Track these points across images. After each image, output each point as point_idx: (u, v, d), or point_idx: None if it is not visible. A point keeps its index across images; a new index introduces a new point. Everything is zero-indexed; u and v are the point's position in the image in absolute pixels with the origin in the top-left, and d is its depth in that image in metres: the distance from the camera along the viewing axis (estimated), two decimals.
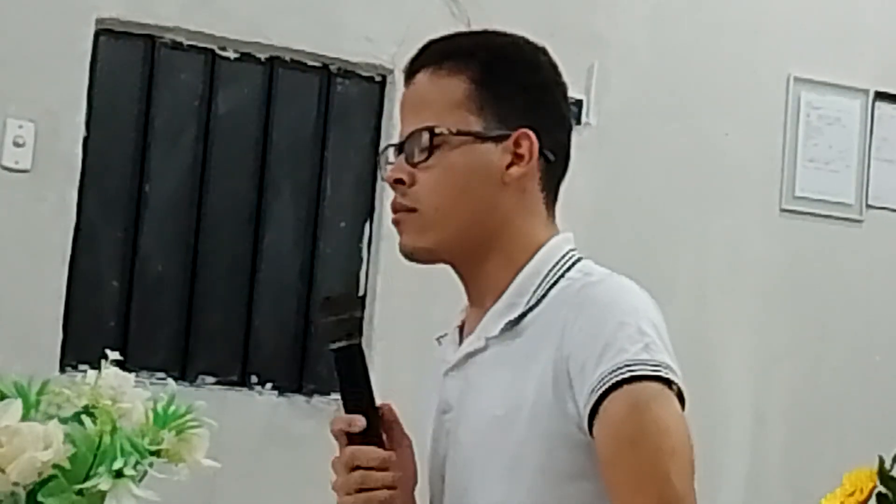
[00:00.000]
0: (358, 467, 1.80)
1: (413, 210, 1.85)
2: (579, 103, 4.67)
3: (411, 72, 1.90)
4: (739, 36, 4.91)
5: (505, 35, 2.01)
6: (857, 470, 1.79)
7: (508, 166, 1.85)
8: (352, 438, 1.82)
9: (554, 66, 1.94)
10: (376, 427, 1.82)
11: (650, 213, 4.75)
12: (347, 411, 1.83)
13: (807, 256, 4.93)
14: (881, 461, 1.77)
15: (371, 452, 1.80)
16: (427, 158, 1.83)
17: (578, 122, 4.67)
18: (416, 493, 1.89)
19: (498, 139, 1.84)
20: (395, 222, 1.88)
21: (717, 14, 4.90)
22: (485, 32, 2.00)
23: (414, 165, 1.84)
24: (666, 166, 4.78)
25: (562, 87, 1.94)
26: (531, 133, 1.85)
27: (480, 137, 1.84)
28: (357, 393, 1.82)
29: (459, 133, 1.83)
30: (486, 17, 4.38)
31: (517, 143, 1.85)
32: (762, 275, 4.88)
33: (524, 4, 4.61)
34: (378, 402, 1.84)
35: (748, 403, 4.83)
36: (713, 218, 4.84)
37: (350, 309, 1.84)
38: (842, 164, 4.97)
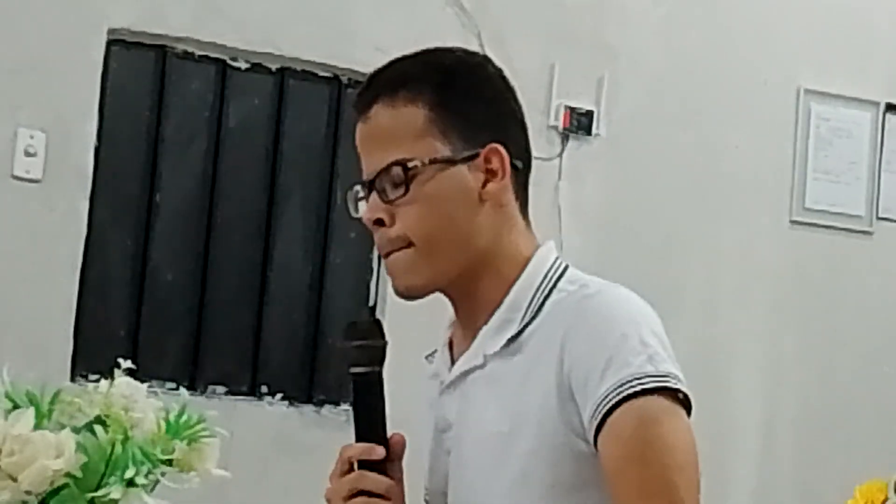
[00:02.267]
0: (361, 492, 1.79)
1: (404, 247, 1.83)
2: (590, 114, 4.68)
3: (364, 106, 1.86)
4: (750, 48, 4.91)
5: (447, 52, 1.98)
6: (869, 482, 1.78)
7: (484, 184, 1.83)
8: (358, 464, 1.80)
9: (500, 73, 1.91)
10: (384, 458, 1.81)
11: (660, 223, 4.75)
12: (359, 436, 1.81)
13: (817, 268, 4.93)
14: None
15: (379, 480, 1.79)
16: (405, 194, 1.81)
17: (589, 133, 4.68)
18: None
19: (468, 159, 1.83)
20: (388, 264, 1.86)
21: (728, 26, 4.90)
22: (426, 53, 1.94)
23: (391, 202, 1.83)
24: (676, 177, 4.79)
25: (512, 91, 1.91)
26: (499, 147, 1.84)
27: (451, 162, 1.82)
28: (371, 420, 1.81)
29: (432, 162, 1.81)
30: (497, 28, 4.40)
31: (488, 160, 1.83)
32: (772, 286, 4.88)
33: (535, 15, 4.62)
34: (389, 432, 1.83)
35: (757, 413, 4.83)
36: (723, 229, 4.84)
37: (373, 337, 1.83)
38: (852, 176, 4.97)
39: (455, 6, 4.54)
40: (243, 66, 4.47)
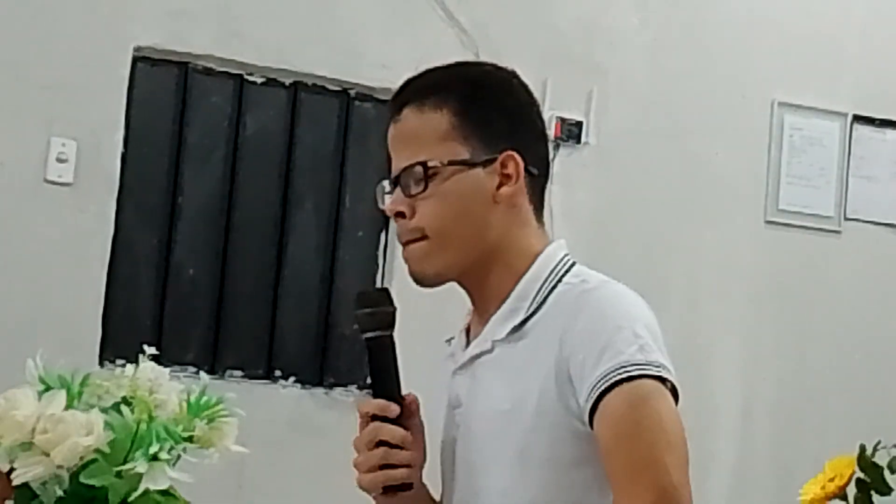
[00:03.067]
0: (381, 443, 1.80)
1: (420, 238, 1.85)
2: (580, 125, 4.67)
3: (396, 109, 1.89)
4: (728, 64, 4.91)
5: (477, 65, 2.02)
6: (838, 457, 1.78)
7: (499, 187, 1.85)
8: (375, 420, 1.82)
9: (525, 87, 1.93)
10: (401, 414, 1.82)
11: (646, 225, 4.75)
12: (375, 394, 1.83)
13: (790, 264, 4.93)
14: (863, 448, 1.75)
15: (395, 430, 1.81)
16: (424, 190, 1.83)
17: (579, 142, 4.68)
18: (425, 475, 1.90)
19: (486, 163, 1.84)
20: (404, 253, 1.87)
21: (708, 44, 4.90)
22: (458, 65, 1.98)
23: (412, 197, 1.84)
24: (660, 182, 4.78)
25: (535, 105, 1.93)
26: (515, 154, 1.85)
27: (470, 164, 1.84)
28: (386, 380, 1.82)
29: (451, 163, 1.83)
30: (494, 48, 4.39)
31: (504, 165, 1.85)
32: (749, 281, 4.88)
33: (530, 35, 4.62)
34: (404, 391, 1.85)
35: (737, 399, 4.83)
36: (704, 229, 4.84)
37: (382, 304, 1.84)
38: (822, 181, 4.97)
39: (456, 27, 4.54)
40: (259, 81, 4.46)
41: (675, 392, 1.77)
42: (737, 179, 4.88)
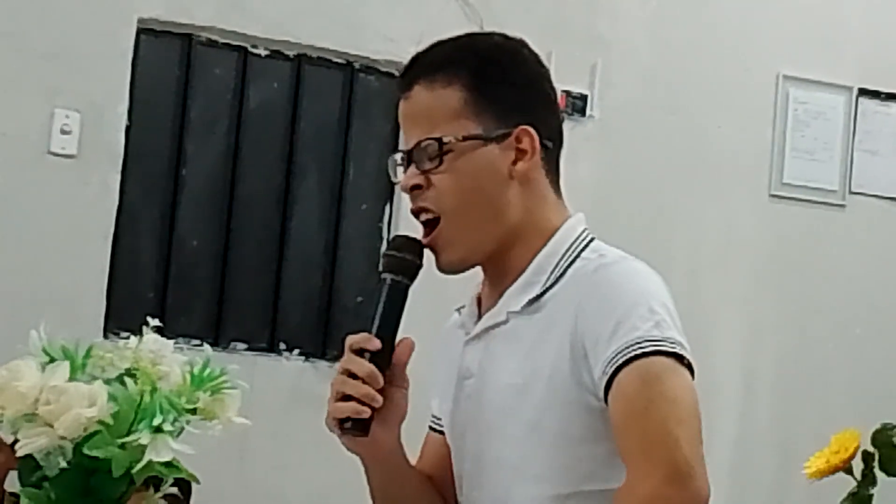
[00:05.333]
0: (347, 372, 1.78)
1: (436, 217, 1.83)
2: (584, 98, 4.67)
3: (406, 84, 1.86)
4: (733, 37, 4.90)
5: (486, 36, 1.98)
6: (843, 431, 1.78)
7: (514, 162, 1.83)
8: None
9: (535, 56, 1.90)
10: (385, 358, 1.79)
11: (649, 198, 4.75)
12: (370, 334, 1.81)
13: (793, 238, 4.93)
14: (886, 426, 1.73)
15: (363, 363, 1.77)
16: (439, 165, 1.82)
17: (583, 115, 4.67)
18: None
19: (499, 139, 1.82)
20: (430, 246, 1.84)
21: (712, 16, 4.89)
22: (468, 37, 1.95)
23: (426, 172, 1.83)
24: (664, 156, 4.78)
25: (546, 74, 1.90)
26: (530, 129, 1.83)
27: (483, 140, 1.82)
28: (384, 322, 1.80)
29: (466, 139, 1.81)
30: (497, 21, 4.37)
31: (518, 140, 1.83)
32: (752, 255, 4.88)
33: (533, 8, 4.61)
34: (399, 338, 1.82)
35: (738, 372, 4.84)
36: (707, 203, 4.84)
37: (411, 253, 1.82)
38: (826, 155, 4.97)
39: (460, 0, 4.53)
40: (263, 53, 4.46)
41: (691, 369, 1.75)
42: (741, 153, 4.88)
